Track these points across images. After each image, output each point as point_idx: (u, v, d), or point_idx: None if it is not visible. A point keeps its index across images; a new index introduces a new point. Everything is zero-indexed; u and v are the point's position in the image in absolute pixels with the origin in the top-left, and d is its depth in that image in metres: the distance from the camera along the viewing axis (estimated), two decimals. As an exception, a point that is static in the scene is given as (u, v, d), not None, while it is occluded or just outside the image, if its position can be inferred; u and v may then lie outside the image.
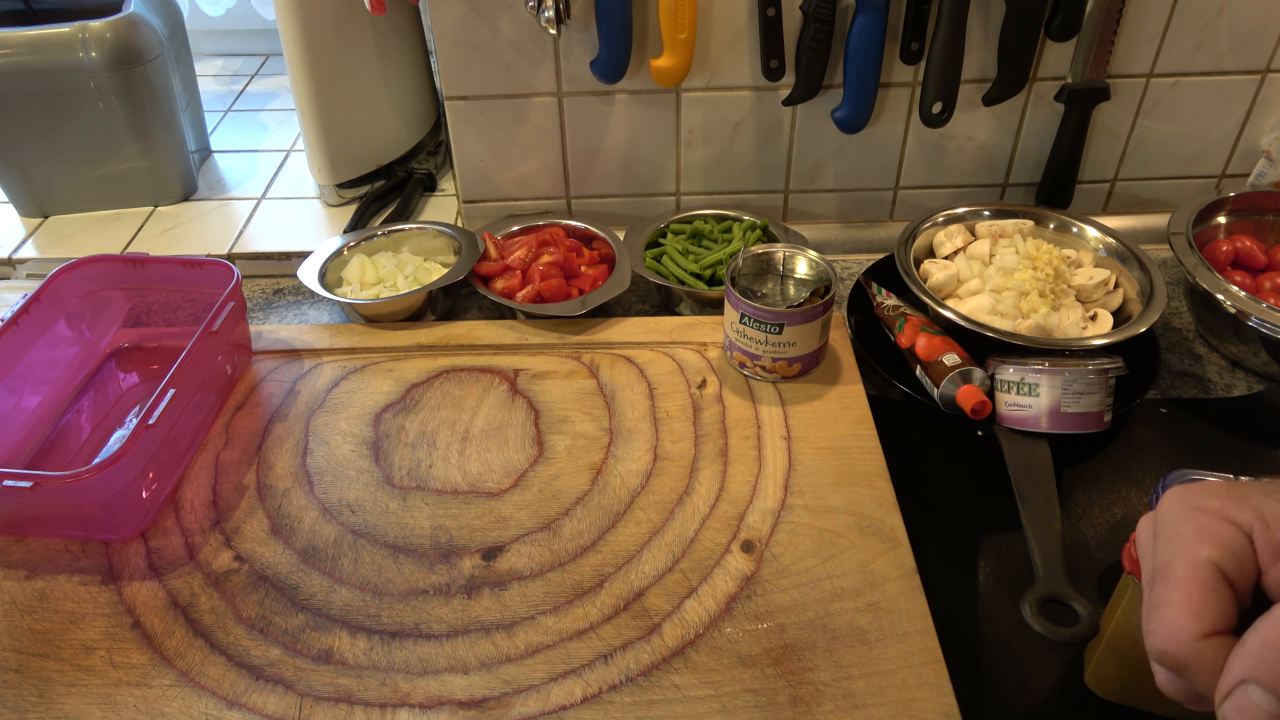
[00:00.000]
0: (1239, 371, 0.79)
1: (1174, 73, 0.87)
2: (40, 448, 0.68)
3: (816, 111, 0.88)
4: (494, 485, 0.64)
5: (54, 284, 0.72)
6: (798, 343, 0.69)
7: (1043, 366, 0.67)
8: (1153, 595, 0.33)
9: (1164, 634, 0.32)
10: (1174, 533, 0.33)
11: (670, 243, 0.87)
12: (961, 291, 0.78)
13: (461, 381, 0.73)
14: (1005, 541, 0.64)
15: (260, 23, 1.29)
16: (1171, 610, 0.32)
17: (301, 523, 0.62)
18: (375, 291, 0.81)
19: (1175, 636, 0.31)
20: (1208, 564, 0.32)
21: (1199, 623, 0.31)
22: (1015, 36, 0.81)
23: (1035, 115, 0.89)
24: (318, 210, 0.98)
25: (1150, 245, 0.85)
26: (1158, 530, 0.34)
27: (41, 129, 0.92)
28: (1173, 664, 0.32)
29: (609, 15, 0.79)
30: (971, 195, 0.94)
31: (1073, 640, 0.53)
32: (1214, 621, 0.31)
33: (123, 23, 0.90)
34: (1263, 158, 0.91)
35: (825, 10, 0.79)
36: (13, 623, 0.56)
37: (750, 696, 0.51)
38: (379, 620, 0.56)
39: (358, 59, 0.91)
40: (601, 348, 0.76)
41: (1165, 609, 0.32)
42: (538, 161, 0.91)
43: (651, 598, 0.56)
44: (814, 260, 0.73)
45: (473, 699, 0.51)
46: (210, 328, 0.66)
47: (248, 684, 0.52)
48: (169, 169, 0.98)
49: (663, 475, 0.65)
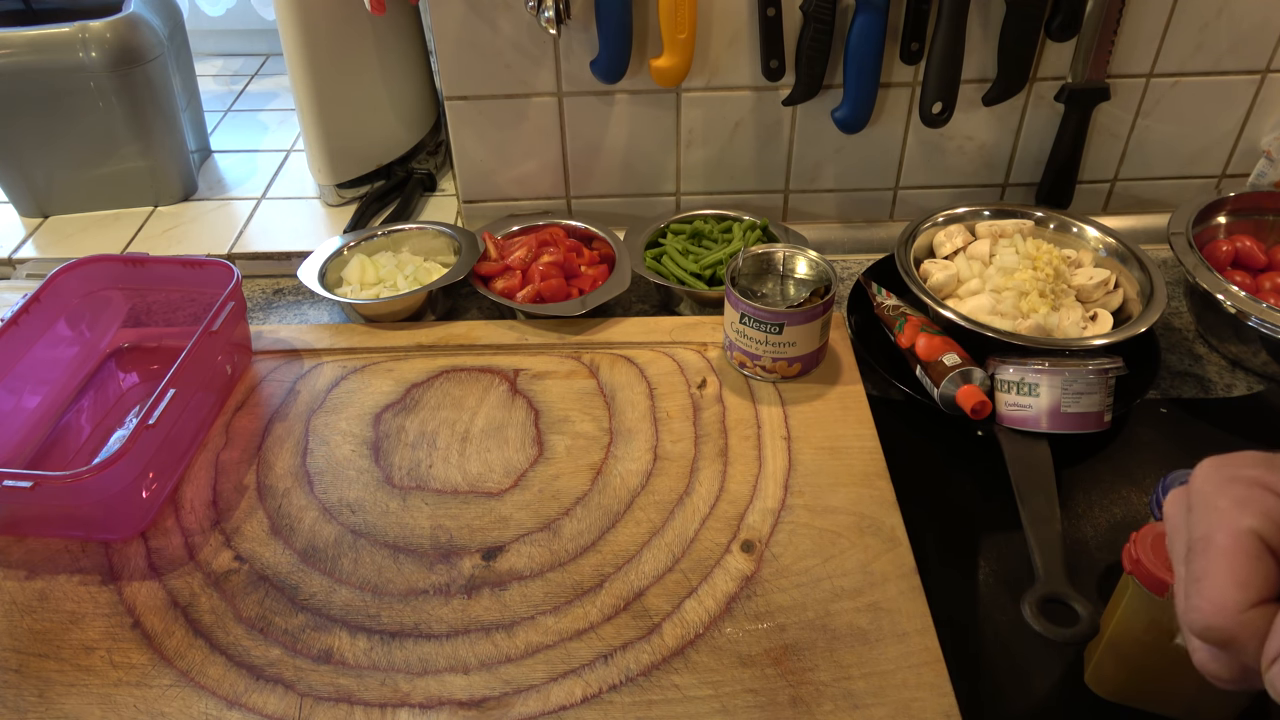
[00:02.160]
0: (1239, 371, 0.79)
1: (1174, 73, 0.87)
2: (40, 448, 0.68)
3: (816, 111, 0.88)
4: (494, 485, 0.64)
5: (54, 284, 0.72)
6: (798, 343, 0.69)
7: (1043, 366, 0.67)
8: (1192, 569, 0.32)
9: (1208, 607, 0.30)
10: (1211, 504, 0.32)
11: (670, 243, 0.87)
12: (961, 291, 0.78)
13: (461, 381, 0.73)
14: (1005, 541, 0.64)
15: (260, 23, 1.29)
16: (1214, 582, 0.30)
17: (301, 523, 0.62)
18: (375, 291, 0.81)
19: (1221, 609, 0.30)
20: (1249, 533, 0.31)
21: (1245, 593, 0.30)
22: (1015, 36, 0.81)
23: (1035, 115, 0.89)
24: (318, 210, 0.98)
25: (1150, 245, 0.85)
26: (1192, 503, 0.33)
27: (41, 129, 0.92)
28: (1220, 638, 0.30)
29: (609, 15, 0.79)
30: (971, 195, 0.94)
31: (1073, 640, 0.53)
32: (1260, 590, 0.30)
33: (123, 23, 0.90)
34: (1263, 158, 0.91)
35: (825, 10, 0.79)
36: (13, 623, 0.56)
37: (750, 696, 0.51)
38: (379, 620, 0.56)
39: (358, 59, 0.91)
40: (601, 348, 0.76)
41: (1207, 581, 0.31)
42: (538, 161, 0.91)
43: (651, 598, 0.56)
44: (814, 260, 0.73)
45: (473, 699, 0.51)
46: (210, 328, 0.66)
47: (248, 684, 0.52)
48: (169, 169, 0.98)
49: (663, 475, 0.65)
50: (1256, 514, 0.31)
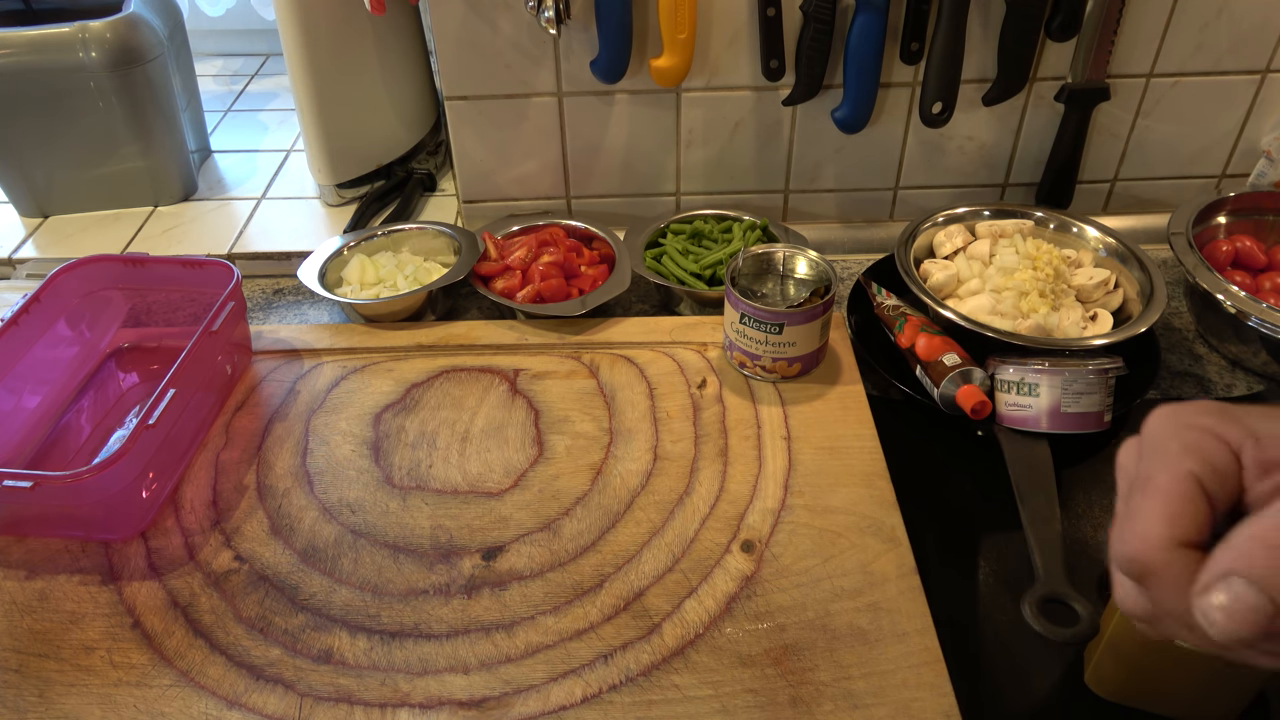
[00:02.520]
0: (1239, 371, 0.79)
1: (1174, 73, 0.87)
2: (40, 448, 0.68)
3: (816, 111, 0.88)
4: (494, 485, 0.64)
5: (54, 284, 0.72)
6: (798, 343, 0.69)
7: (1043, 366, 0.67)
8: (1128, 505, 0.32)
9: (1134, 540, 0.31)
10: (1160, 447, 0.32)
11: (670, 243, 0.87)
12: (961, 291, 0.78)
13: (461, 381, 0.73)
14: (1005, 541, 0.64)
15: (260, 23, 1.29)
16: (1145, 517, 0.31)
17: (301, 523, 0.62)
18: (375, 291, 0.81)
19: (1145, 542, 0.30)
20: (1189, 476, 0.31)
21: (1172, 530, 0.30)
22: (1015, 36, 0.81)
23: (1035, 115, 0.89)
24: (318, 210, 0.98)
25: (1150, 245, 0.85)
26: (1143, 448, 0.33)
27: (41, 129, 0.92)
28: (1138, 571, 0.31)
29: (609, 15, 0.79)
30: (971, 195, 0.94)
31: (1073, 640, 0.53)
32: (1188, 532, 0.30)
33: (123, 23, 0.90)
34: (1263, 158, 0.91)
35: (825, 10, 0.79)
36: (13, 623, 0.56)
37: (750, 696, 0.51)
38: (379, 620, 0.56)
39: (358, 59, 0.91)
40: (601, 348, 0.76)
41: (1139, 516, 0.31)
42: (538, 161, 0.91)
43: (651, 598, 0.56)
44: (814, 260, 0.73)
45: (473, 699, 0.51)
46: (210, 328, 0.66)
47: (248, 684, 0.52)
48: (169, 169, 0.98)
49: (663, 475, 0.65)
50: (1200, 460, 0.31)
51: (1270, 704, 0.54)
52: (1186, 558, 0.30)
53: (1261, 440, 0.31)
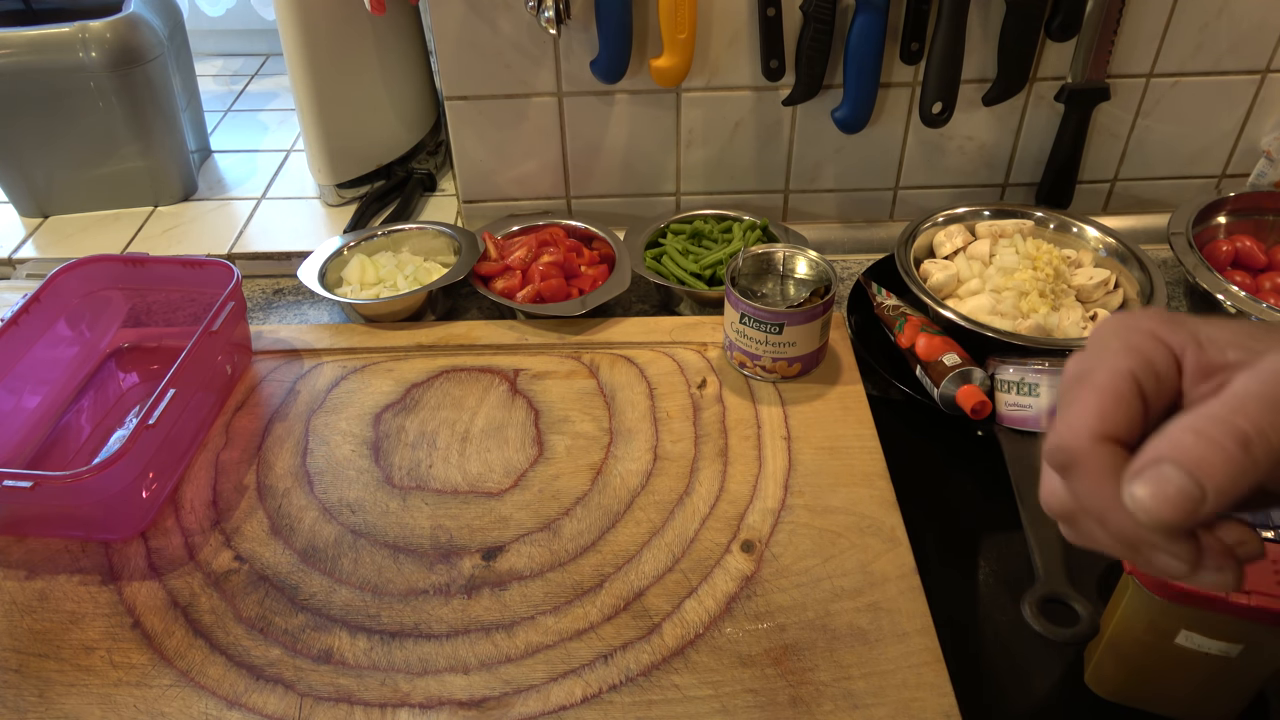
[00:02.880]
0: (1239, 371, 0.78)
1: (1174, 73, 0.87)
2: (40, 448, 0.68)
3: (816, 111, 0.88)
4: (494, 485, 0.64)
5: (54, 284, 0.72)
6: (798, 343, 0.69)
7: (1043, 366, 0.67)
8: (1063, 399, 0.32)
9: (1063, 429, 0.31)
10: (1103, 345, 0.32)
11: (670, 243, 0.87)
12: (961, 291, 0.78)
13: (461, 381, 0.73)
14: (1005, 541, 0.64)
15: (260, 23, 1.29)
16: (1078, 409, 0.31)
17: (301, 523, 0.62)
18: (375, 291, 0.81)
19: (1073, 431, 0.30)
20: (1128, 374, 0.31)
21: (1102, 424, 0.30)
22: (1015, 36, 0.81)
23: (1035, 115, 0.89)
24: (318, 210, 0.98)
25: (1150, 245, 0.85)
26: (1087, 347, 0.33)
27: (41, 129, 0.92)
28: (1063, 460, 0.31)
29: (609, 15, 0.79)
30: (971, 195, 0.94)
31: (1073, 640, 0.53)
32: (1118, 427, 0.30)
33: (123, 23, 0.90)
34: (1263, 158, 0.91)
35: (825, 10, 0.79)
36: (13, 623, 0.56)
37: (750, 696, 0.51)
38: (379, 620, 0.56)
39: (358, 59, 0.91)
40: (601, 348, 0.76)
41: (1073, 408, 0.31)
42: (538, 161, 0.91)
43: (651, 598, 0.56)
44: (814, 260, 0.73)
45: (473, 699, 0.51)
46: (210, 328, 0.66)
47: (248, 684, 0.52)
48: (169, 169, 0.98)
49: (663, 475, 0.65)
50: (1140, 360, 0.31)
51: (1270, 704, 0.54)
52: (1113, 452, 0.30)
53: (1203, 345, 0.31)
